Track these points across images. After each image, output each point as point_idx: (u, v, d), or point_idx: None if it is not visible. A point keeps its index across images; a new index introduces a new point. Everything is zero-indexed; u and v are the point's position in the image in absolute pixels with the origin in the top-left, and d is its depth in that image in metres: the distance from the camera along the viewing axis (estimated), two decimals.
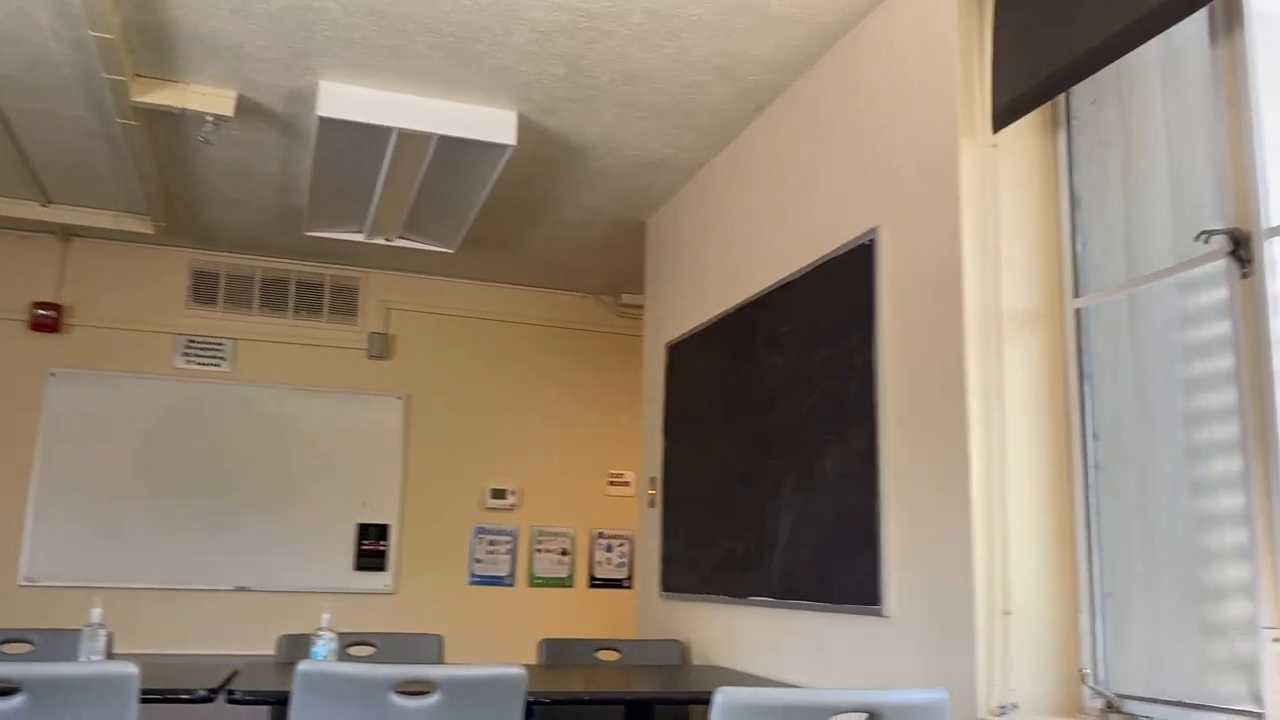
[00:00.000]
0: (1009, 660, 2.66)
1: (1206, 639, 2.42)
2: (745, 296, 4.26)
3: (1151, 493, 2.61)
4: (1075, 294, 2.86)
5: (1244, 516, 2.30)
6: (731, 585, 4.10)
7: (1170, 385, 2.60)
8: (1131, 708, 2.52)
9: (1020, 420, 2.81)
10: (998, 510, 2.74)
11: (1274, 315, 2.27)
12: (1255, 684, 2.24)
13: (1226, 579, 2.37)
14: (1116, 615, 2.66)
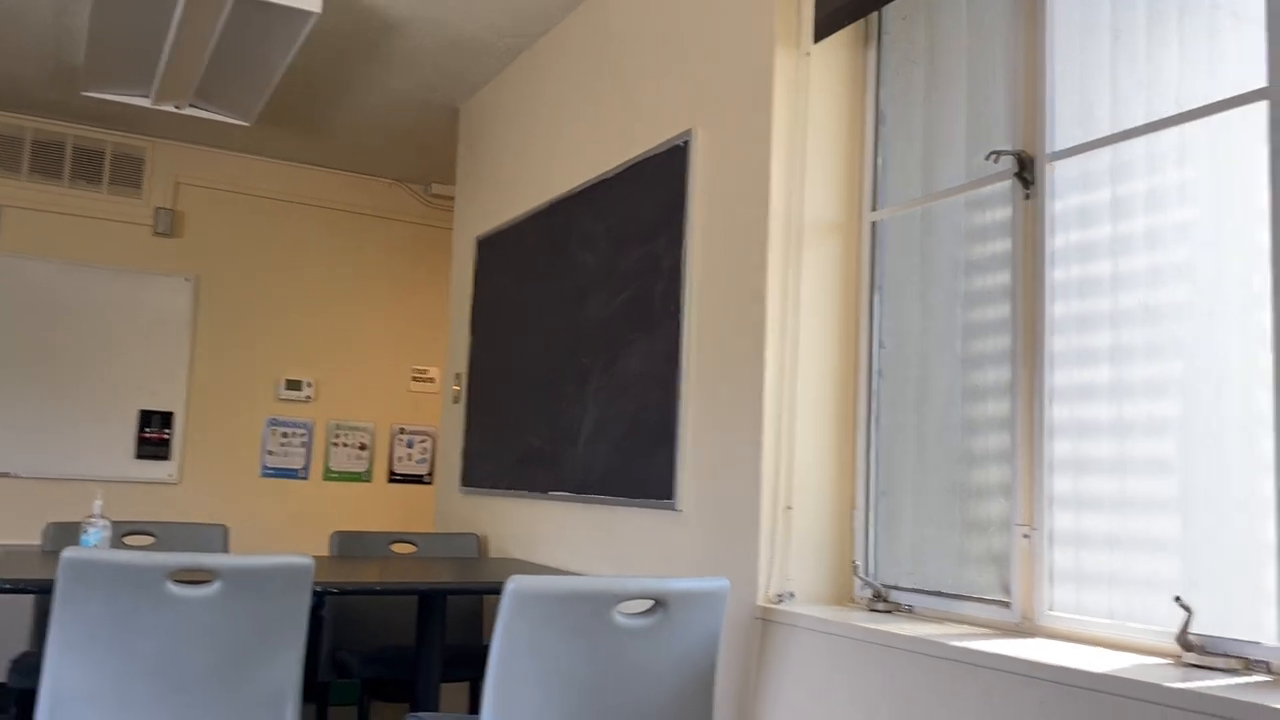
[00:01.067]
0: (789, 552, 2.80)
1: (966, 535, 2.61)
2: (559, 192, 4.20)
3: (928, 399, 2.77)
4: (873, 207, 2.96)
5: (1007, 423, 2.48)
6: (532, 480, 4.12)
7: (952, 298, 2.74)
8: (896, 597, 2.71)
9: (814, 327, 2.91)
10: (787, 412, 2.85)
11: (1051, 235, 2.42)
12: (1006, 576, 2.44)
13: (988, 480, 2.55)
14: (889, 512, 2.83)
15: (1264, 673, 1.86)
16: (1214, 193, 2.11)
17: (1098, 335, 2.30)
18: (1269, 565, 1.89)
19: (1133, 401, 2.21)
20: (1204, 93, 2.13)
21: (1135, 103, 2.30)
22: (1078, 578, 2.29)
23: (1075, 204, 2.39)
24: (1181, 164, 2.18)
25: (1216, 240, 2.10)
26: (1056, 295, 2.40)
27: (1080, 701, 1.91)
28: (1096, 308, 2.30)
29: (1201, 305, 2.11)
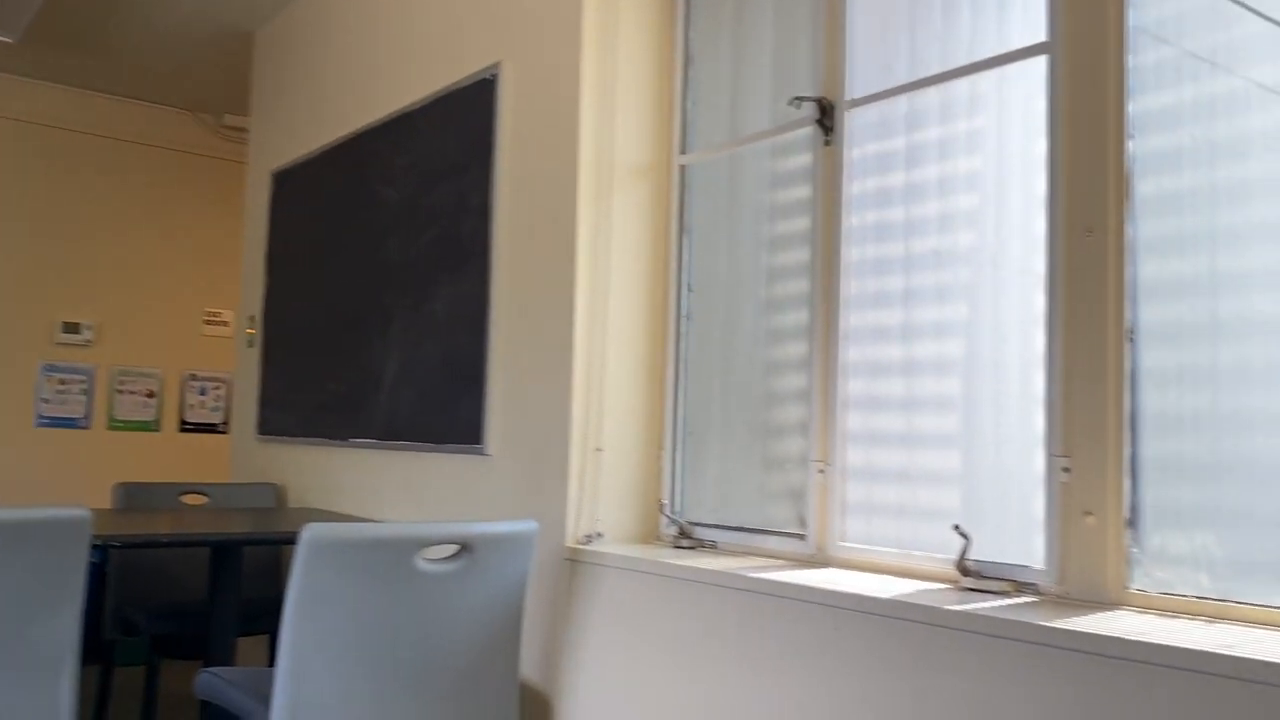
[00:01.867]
0: (598, 494, 2.81)
1: (767, 472, 2.69)
2: (361, 125, 4.01)
3: (734, 341, 2.83)
4: (682, 150, 2.97)
5: (806, 364, 2.55)
6: (333, 428, 3.97)
7: (758, 243, 2.79)
8: (701, 534, 2.77)
9: (624, 269, 2.91)
10: (597, 355, 2.84)
11: (849, 181, 2.48)
12: (802, 510, 2.53)
13: (787, 419, 2.63)
14: (695, 452, 2.89)
15: (1032, 594, 2.00)
16: (999, 143, 2.21)
17: (891, 279, 2.39)
18: (1038, 495, 2.03)
19: (921, 343, 2.31)
20: (993, 46, 2.22)
21: (931, 53, 2.38)
22: (868, 510, 2.39)
23: (873, 151, 2.46)
24: (971, 114, 2.28)
25: (1000, 188, 2.21)
26: (853, 240, 2.47)
27: (869, 625, 2.00)
28: (891, 253, 2.39)
29: (986, 251, 2.22)
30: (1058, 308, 2.00)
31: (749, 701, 2.23)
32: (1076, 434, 1.96)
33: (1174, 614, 1.80)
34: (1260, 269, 3.07)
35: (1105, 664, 1.63)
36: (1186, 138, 2.27)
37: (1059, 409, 1.98)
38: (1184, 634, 1.62)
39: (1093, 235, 1.96)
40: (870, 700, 1.98)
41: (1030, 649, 1.73)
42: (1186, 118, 2.22)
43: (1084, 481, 1.94)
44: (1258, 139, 3.22)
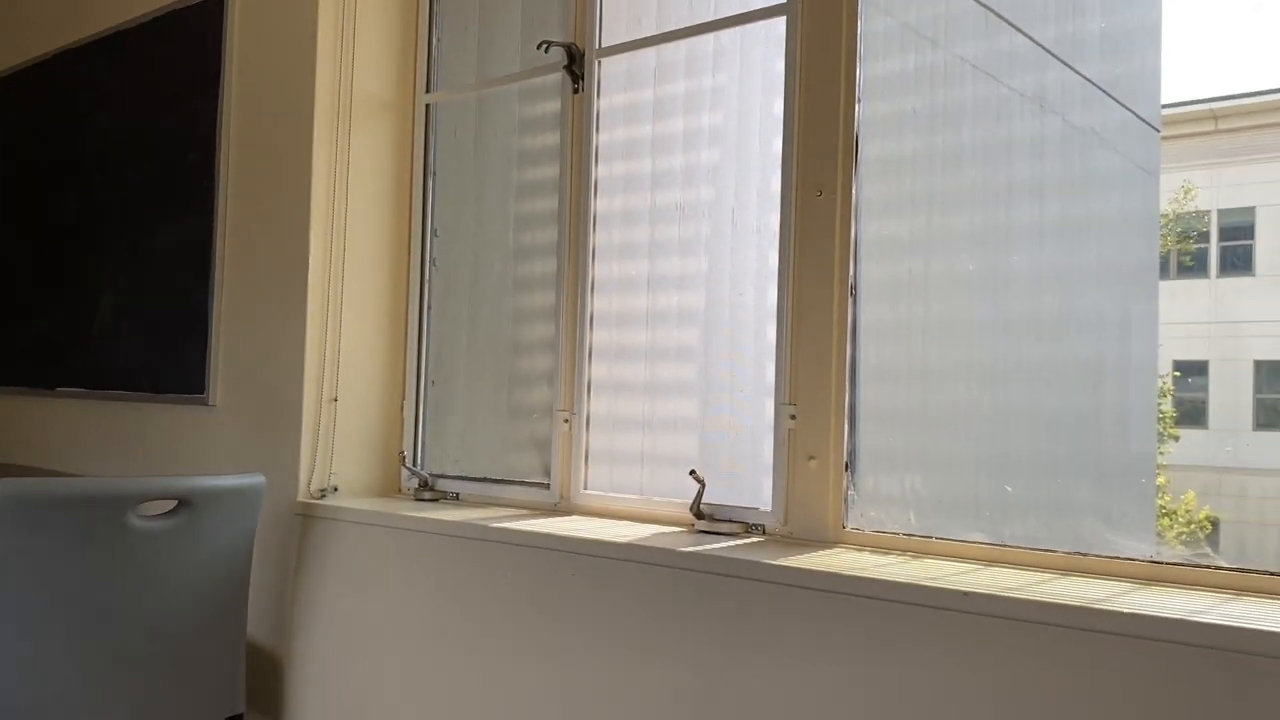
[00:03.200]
0: (333, 446, 2.69)
1: (513, 422, 2.67)
2: (70, 40, 3.60)
3: (481, 288, 2.77)
4: (428, 89, 2.86)
5: (553, 313, 2.54)
6: (38, 375, 3.60)
7: (506, 189, 2.75)
8: (444, 485, 2.71)
9: (364, 211, 2.78)
10: (334, 299, 2.71)
11: (597, 131, 2.48)
12: (547, 459, 2.53)
13: (534, 368, 2.61)
14: (439, 402, 2.82)
15: (760, 534, 2.09)
16: (741, 100, 2.27)
17: (637, 231, 2.41)
18: (769, 441, 2.12)
19: (664, 294, 2.35)
20: (737, 4, 2.27)
21: (680, 6, 2.39)
22: (611, 458, 2.43)
23: (622, 102, 2.47)
24: (716, 70, 2.32)
25: (741, 146, 2.27)
26: (602, 191, 2.47)
27: (606, 570, 2.03)
28: (638, 204, 2.41)
29: (726, 206, 2.28)
30: (789, 264, 2.08)
31: (491, 653, 2.22)
32: (803, 384, 2.05)
33: (885, 550, 1.94)
34: (968, 231, 3.35)
35: (820, 597, 1.73)
36: (908, 105, 2.42)
37: (787, 360, 2.07)
38: (890, 569, 1.75)
39: (823, 196, 2.05)
40: (608, 641, 2.02)
41: (754, 585, 1.81)
42: (909, 87, 2.34)
43: (809, 428, 2.04)
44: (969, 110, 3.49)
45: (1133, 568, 1.70)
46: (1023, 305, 3.68)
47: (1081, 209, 4.18)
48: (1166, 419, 9.21)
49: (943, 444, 2.17)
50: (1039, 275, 3.78)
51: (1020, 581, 1.65)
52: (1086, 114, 4.25)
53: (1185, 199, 9.08)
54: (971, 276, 3.47)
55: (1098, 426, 4.41)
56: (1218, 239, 9.60)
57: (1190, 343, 9.59)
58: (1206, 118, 9.35)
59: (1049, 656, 1.49)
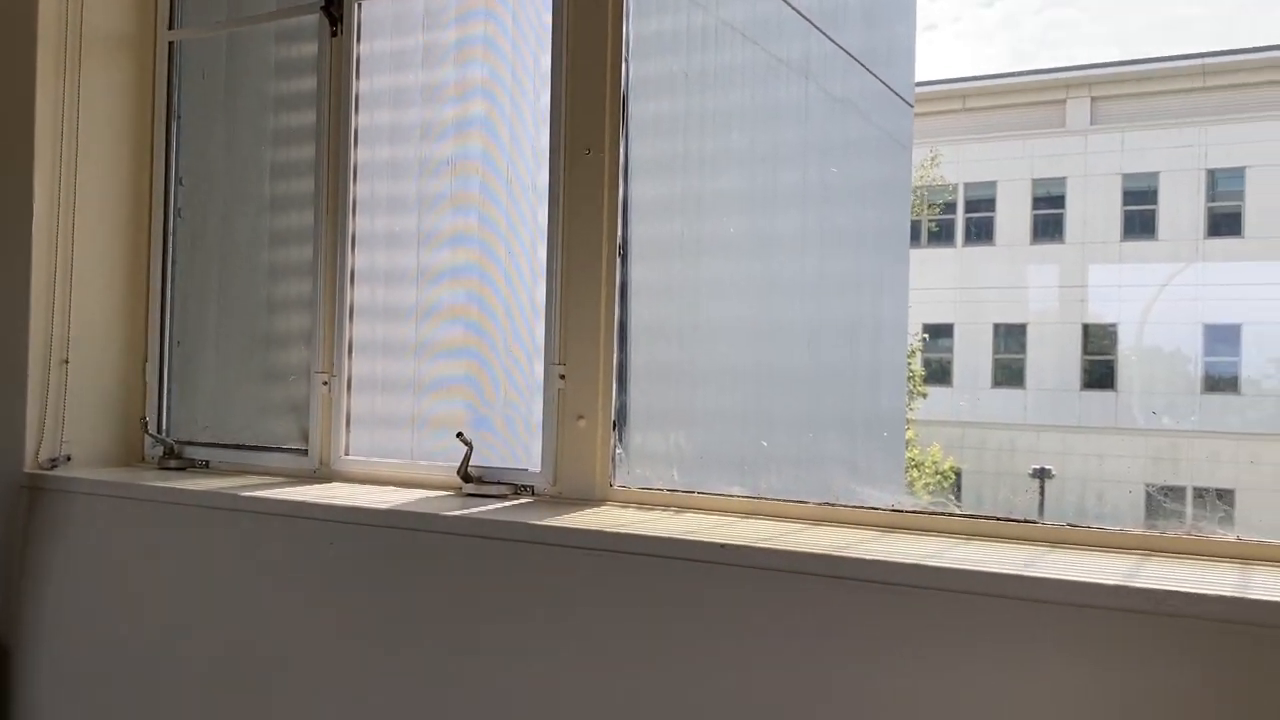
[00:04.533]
0: (65, 412, 2.46)
1: (268, 385, 2.53)
2: None
3: (232, 242, 2.60)
4: (170, 24, 2.63)
5: (310, 269, 2.41)
6: None
7: (260, 136, 2.58)
8: (192, 453, 2.54)
9: (98, 155, 2.53)
10: (63, 253, 2.46)
11: (357, 78, 2.36)
12: (305, 424, 2.41)
13: (290, 328, 2.48)
14: (186, 364, 2.63)
15: (529, 495, 2.08)
16: (514, 52, 2.21)
17: (404, 184, 2.31)
18: (537, 401, 2.10)
19: (433, 251, 2.28)
20: None
21: None
22: (374, 422, 2.34)
23: (387, 48, 2.35)
24: (487, 19, 2.25)
25: (513, 100, 2.22)
26: (363, 141, 2.36)
27: (368, 537, 1.96)
28: (404, 156, 2.31)
29: (500, 162, 2.23)
30: (558, 223, 2.06)
31: (244, 628, 2.10)
32: (572, 344, 2.04)
33: (651, 506, 1.96)
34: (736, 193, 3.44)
35: (586, 555, 1.73)
36: (678, 67, 2.43)
37: (557, 320, 2.06)
38: (654, 524, 1.77)
39: (591, 154, 2.03)
40: (371, 610, 1.95)
41: (520, 547, 1.79)
42: (680, 48, 2.35)
43: (578, 387, 2.03)
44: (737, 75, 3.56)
45: (877, 516, 1.79)
46: (786, 266, 3.83)
47: (840, 176, 4.38)
48: (916, 377, 9.89)
49: (707, 401, 2.22)
50: (802, 237, 3.94)
51: (775, 532, 1.71)
52: (845, 85, 4.45)
53: (932, 166, 9.71)
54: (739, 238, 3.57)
55: (853, 383, 4.67)
56: (963, 210, 10.35)
57: (938, 307, 10.33)
58: (955, 97, 10.02)
59: (800, 601, 1.55)
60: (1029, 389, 10.35)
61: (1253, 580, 1.40)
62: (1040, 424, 10.00)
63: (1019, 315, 10.35)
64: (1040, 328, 10.24)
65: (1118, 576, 1.40)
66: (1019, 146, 9.93)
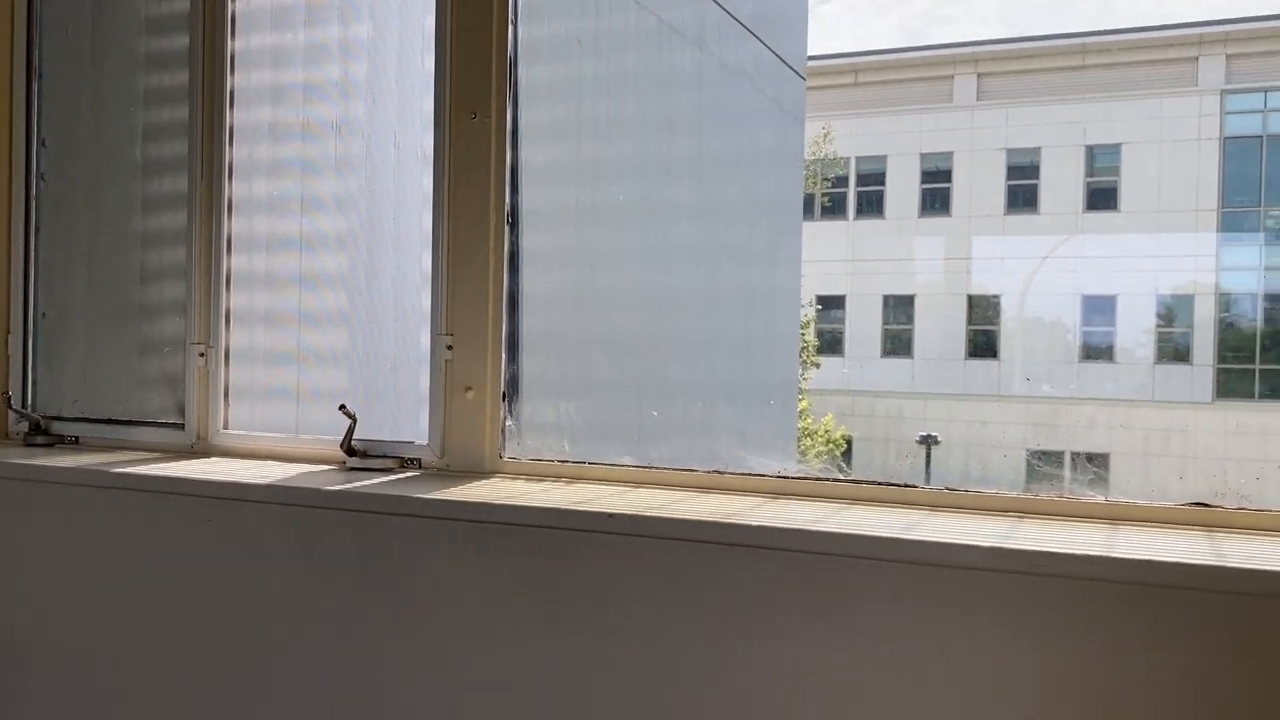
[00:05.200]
0: None
1: (141, 357, 2.42)
2: None
3: (102, 208, 2.47)
4: None
5: (185, 236, 2.31)
6: None
7: (130, 96, 2.45)
8: (60, 428, 2.42)
9: None
10: None
11: (233, 36, 2.26)
12: (181, 397, 2.31)
13: (165, 298, 2.38)
14: (53, 336, 2.50)
15: (416, 469, 2.04)
16: (400, 13, 2.14)
17: (287, 147, 2.23)
18: (426, 372, 2.06)
19: (316, 217, 2.21)
20: None
21: None
22: (254, 394, 2.26)
23: (266, 5, 2.26)
24: None
25: (399, 62, 2.15)
26: (240, 102, 2.27)
27: (247, 513, 1.90)
28: (287, 119, 2.22)
29: (384, 124, 2.16)
30: (444, 189, 2.01)
31: (121, 611, 2.01)
32: (460, 313, 2.00)
33: (540, 478, 1.94)
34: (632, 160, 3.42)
35: (473, 528, 1.70)
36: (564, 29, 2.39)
37: (444, 289, 2.01)
38: (542, 495, 1.76)
39: (477, 119, 1.99)
40: (253, 588, 1.89)
41: (405, 521, 1.76)
42: (574, 12, 2.32)
43: (466, 358, 2.00)
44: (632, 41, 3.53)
45: (764, 483, 1.81)
46: (682, 234, 3.84)
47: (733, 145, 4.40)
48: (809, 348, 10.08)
49: (599, 371, 2.21)
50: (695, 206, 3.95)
51: (664, 500, 1.72)
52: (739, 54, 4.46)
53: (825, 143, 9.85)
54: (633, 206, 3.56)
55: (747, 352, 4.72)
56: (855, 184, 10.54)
57: (831, 279, 10.52)
58: (848, 71, 10.17)
59: (687, 568, 1.56)
60: (916, 358, 10.64)
61: (1118, 539, 1.45)
62: (927, 392, 10.30)
63: (908, 287, 10.60)
64: (928, 299, 10.51)
65: (994, 539, 1.44)
66: (909, 121, 10.14)
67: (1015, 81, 9.58)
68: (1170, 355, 9.66)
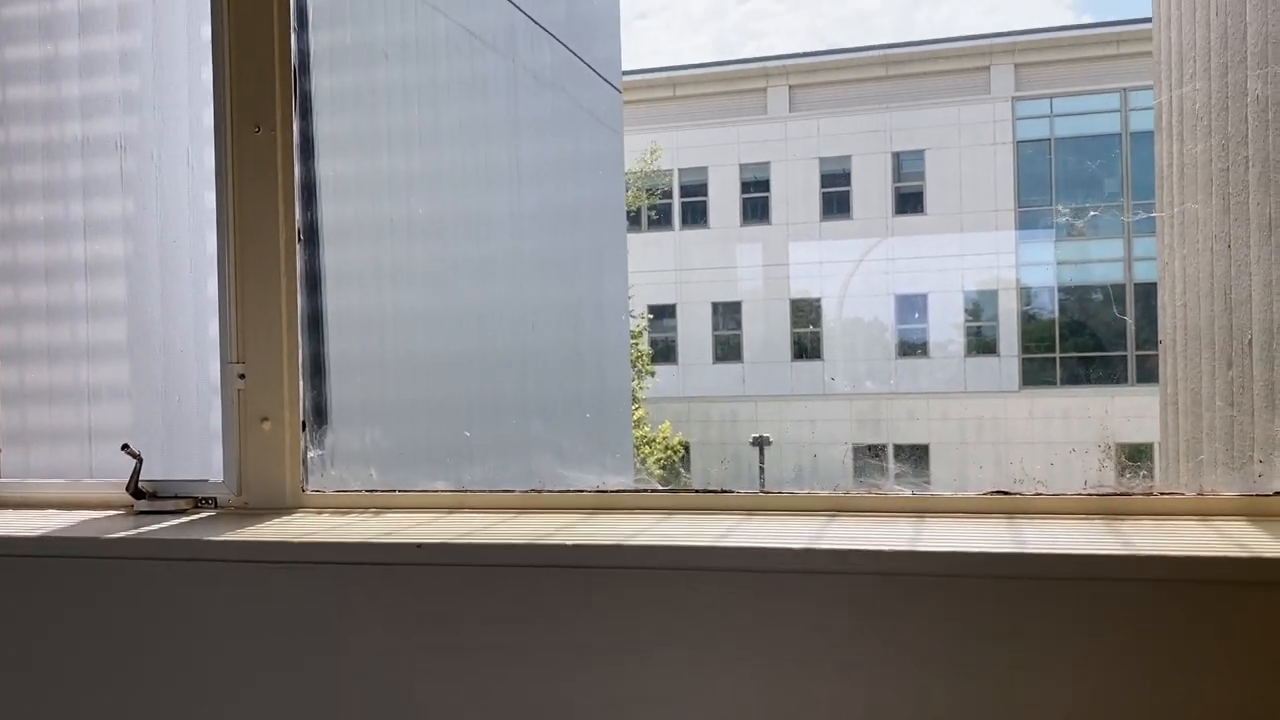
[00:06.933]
0: None
1: None
2: None
3: None
4: None
5: None
6: None
7: None
8: None
9: None
10: None
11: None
12: None
13: None
14: None
15: (211, 508, 1.89)
16: (158, 23, 2.00)
17: (31, 169, 2.05)
18: (215, 404, 1.92)
19: (78, 243, 2.03)
20: None
21: None
22: (26, 438, 2.07)
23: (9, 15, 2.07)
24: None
25: (166, 73, 2.01)
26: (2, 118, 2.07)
27: (20, 570, 1.72)
28: (31, 136, 2.04)
29: (151, 140, 2.01)
30: (228, 207, 1.88)
31: None
32: (251, 339, 1.87)
33: (347, 510, 1.84)
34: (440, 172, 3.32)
35: (274, 569, 1.59)
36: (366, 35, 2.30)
37: (233, 314, 1.88)
38: (347, 529, 1.66)
39: (261, 132, 1.87)
40: (28, 647, 1.71)
41: (200, 567, 1.63)
42: (375, 17, 2.23)
43: (260, 387, 1.87)
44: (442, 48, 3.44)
45: (582, 499, 1.77)
46: (501, 246, 3.76)
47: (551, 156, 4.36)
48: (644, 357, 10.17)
49: (405, 392, 2.12)
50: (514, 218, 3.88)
51: (478, 525, 1.65)
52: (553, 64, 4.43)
53: (653, 159, 9.98)
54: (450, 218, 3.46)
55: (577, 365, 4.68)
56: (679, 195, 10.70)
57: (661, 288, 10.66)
58: (666, 84, 10.33)
59: (502, 595, 1.49)
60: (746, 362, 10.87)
61: (924, 532, 1.48)
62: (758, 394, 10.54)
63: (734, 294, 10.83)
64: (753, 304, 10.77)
65: (805, 539, 1.43)
66: (727, 132, 10.37)
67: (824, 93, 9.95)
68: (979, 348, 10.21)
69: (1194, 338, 2.33)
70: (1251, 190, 1.92)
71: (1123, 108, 8.94)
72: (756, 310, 10.68)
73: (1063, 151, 9.57)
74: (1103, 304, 9.51)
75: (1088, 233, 9.42)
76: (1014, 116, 9.49)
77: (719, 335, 11.16)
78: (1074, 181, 9.58)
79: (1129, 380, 9.14)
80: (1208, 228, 2.04)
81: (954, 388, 9.94)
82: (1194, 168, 2.04)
